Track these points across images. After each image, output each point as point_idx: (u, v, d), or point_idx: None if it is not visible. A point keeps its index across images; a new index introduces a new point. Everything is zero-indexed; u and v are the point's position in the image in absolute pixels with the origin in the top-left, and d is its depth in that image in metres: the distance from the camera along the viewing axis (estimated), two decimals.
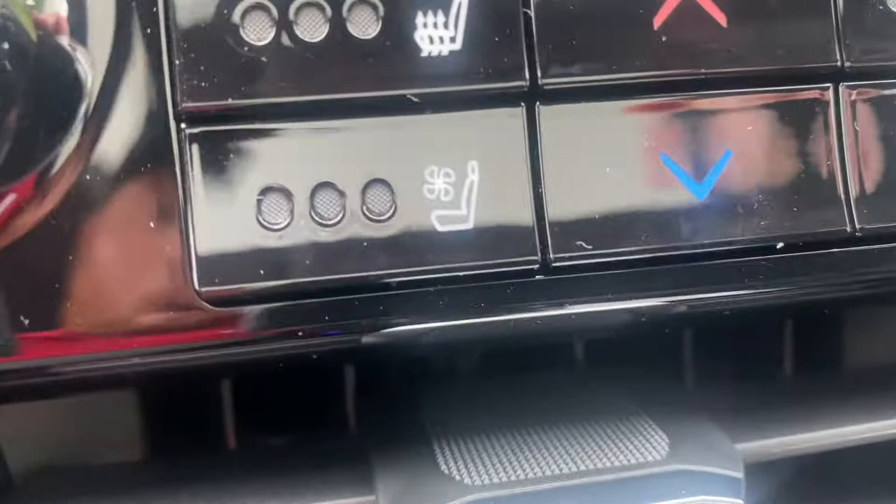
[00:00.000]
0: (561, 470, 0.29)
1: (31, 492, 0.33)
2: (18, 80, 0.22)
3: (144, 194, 0.24)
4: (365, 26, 0.24)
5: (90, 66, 0.23)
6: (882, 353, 0.40)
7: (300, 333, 0.24)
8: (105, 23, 0.23)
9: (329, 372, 0.39)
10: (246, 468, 0.34)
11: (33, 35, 0.22)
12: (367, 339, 0.26)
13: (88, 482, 0.35)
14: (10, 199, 0.23)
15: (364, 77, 0.24)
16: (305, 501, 0.30)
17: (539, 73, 0.24)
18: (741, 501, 0.28)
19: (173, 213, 0.23)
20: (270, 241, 0.24)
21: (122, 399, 0.37)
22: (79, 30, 0.23)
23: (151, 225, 0.23)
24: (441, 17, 0.24)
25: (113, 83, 0.23)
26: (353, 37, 0.24)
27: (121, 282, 0.23)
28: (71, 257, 0.23)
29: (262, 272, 0.24)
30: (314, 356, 0.26)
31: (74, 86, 0.23)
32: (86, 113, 0.23)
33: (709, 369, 0.40)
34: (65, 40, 0.23)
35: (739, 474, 0.29)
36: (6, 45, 0.21)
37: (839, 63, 0.27)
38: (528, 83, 0.25)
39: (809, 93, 0.27)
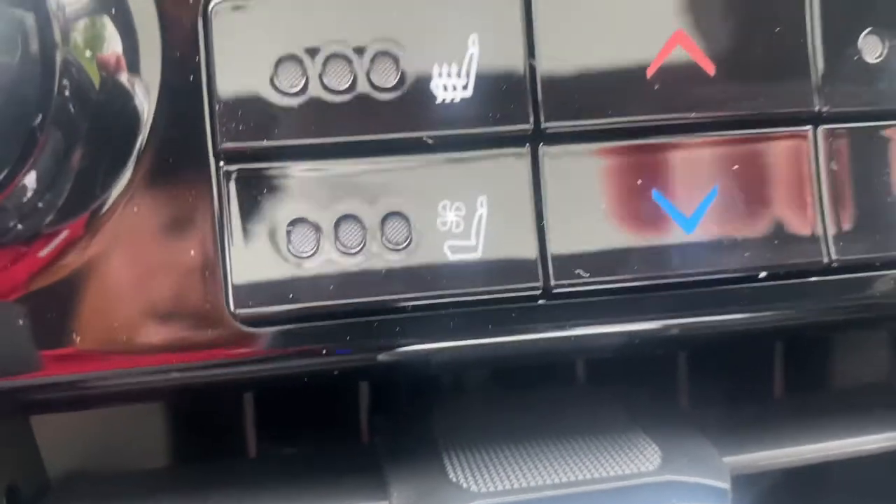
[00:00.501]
0: (560, 479, 0.31)
1: (67, 495, 0.36)
2: (81, 122, 0.24)
3: (186, 226, 0.26)
4: (386, 76, 0.26)
5: (144, 104, 0.26)
6: (866, 373, 0.42)
7: (324, 351, 0.27)
8: (153, 68, 0.26)
9: (345, 389, 0.42)
10: (265, 475, 0.37)
11: (96, 77, 0.25)
12: (383, 358, 0.28)
13: (120, 486, 0.37)
14: (64, 235, 0.26)
15: (384, 121, 0.26)
16: None
17: (542, 118, 0.27)
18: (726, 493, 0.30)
19: (211, 242, 0.26)
20: (298, 267, 0.26)
21: (152, 411, 0.40)
22: (133, 68, 0.26)
23: (192, 253, 0.26)
24: (455, 68, 0.27)
25: (159, 125, 0.26)
26: (376, 85, 0.26)
27: (164, 306, 0.26)
28: (119, 284, 0.26)
29: (290, 296, 0.26)
30: (335, 372, 0.28)
31: (131, 124, 0.25)
32: (139, 150, 0.26)
33: (702, 390, 0.42)
34: (124, 77, 0.25)
35: (726, 485, 0.31)
36: (70, 89, 0.24)
37: (817, 108, 0.29)
38: (532, 127, 0.27)
39: (790, 135, 0.29)
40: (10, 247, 0.25)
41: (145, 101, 0.26)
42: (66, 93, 0.24)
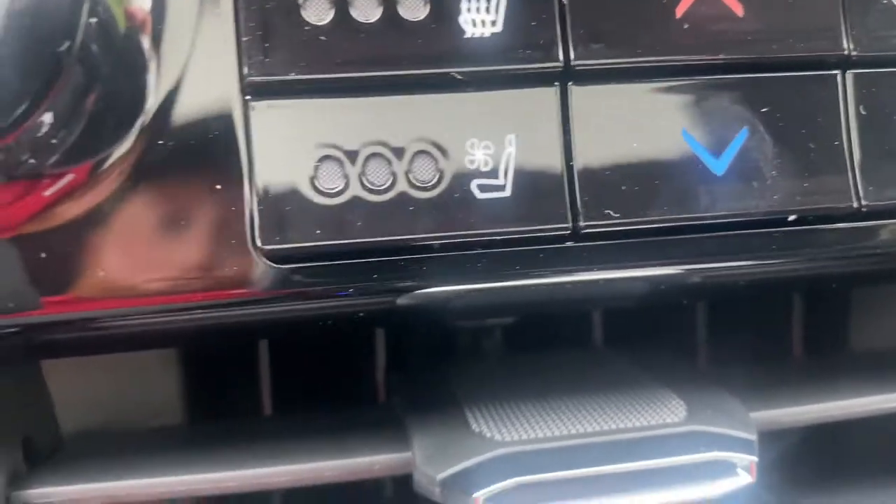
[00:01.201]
0: (585, 430, 0.31)
1: (80, 450, 0.35)
2: (102, 64, 0.24)
3: (212, 162, 0.26)
4: (415, 9, 0.26)
5: (168, 50, 0.25)
6: (888, 334, 0.42)
7: (350, 290, 0.27)
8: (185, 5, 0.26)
9: (361, 348, 0.42)
10: (281, 432, 0.36)
11: (122, 23, 0.24)
12: (408, 300, 0.28)
13: (133, 443, 0.37)
14: (73, 176, 0.25)
15: (413, 56, 0.26)
16: (344, 458, 0.32)
17: (572, 56, 0.27)
18: (756, 458, 0.30)
19: (238, 178, 0.26)
20: (326, 203, 0.26)
21: (166, 369, 0.39)
22: (159, 14, 0.25)
23: (218, 187, 0.26)
24: (483, 3, 0.26)
25: (184, 59, 0.26)
26: (404, 19, 0.26)
27: (189, 242, 0.26)
28: (136, 224, 0.26)
29: (317, 232, 0.26)
30: (360, 314, 0.28)
31: (147, 76, 0.25)
32: (156, 93, 0.25)
33: (723, 349, 0.42)
34: (148, 29, 0.25)
35: (754, 436, 0.31)
36: (96, 28, 0.24)
37: (846, 52, 0.29)
38: (562, 64, 0.27)
39: (819, 78, 0.29)
40: (20, 181, 0.25)
41: (173, 43, 0.25)
42: (92, 30, 0.24)
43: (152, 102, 0.25)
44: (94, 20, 0.24)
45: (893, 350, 0.41)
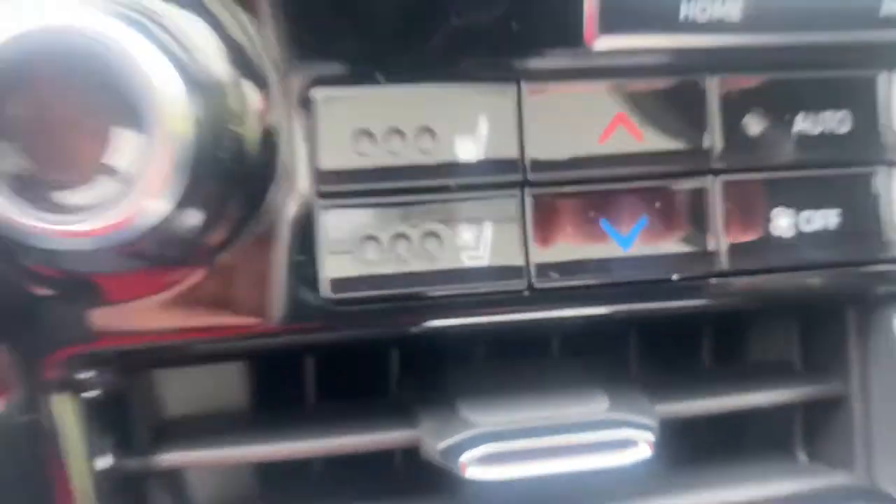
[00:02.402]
0: (538, 416, 0.45)
1: (184, 430, 0.49)
2: (238, 177, 0.38)
3: (294, 242, 0.40)
4: (426, 148, 0.40)
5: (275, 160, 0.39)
6: (773, 351, 0.56)
7: (382, 322, 0.41)
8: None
9: (379, 359, 0.56)
10: (324, 416, 0.50)
11: (255, 144, 0.38)
12: (420, 329, 0.42)
13: (219, 423, 0.51)
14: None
15: (425, 175, 0.40)
16: (366, 434, 0.46)
17: (528, 174, 0.41)
18: (652, 438, 0.44)
19: (312, 252, 0.40)
20: (371, 268, 0.40)
21: (235, 375, 0.53)
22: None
23: (298, 260, 0.40)
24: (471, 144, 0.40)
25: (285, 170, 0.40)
26: (420, 150, 0.40)
27: (280, 292, 0.40)
28: (242, 281, 0.40)
29: (365, 286, 0.40)
30: (388, 337, 0.42)
31: (269, 174, 0.39)
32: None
33: (648, 361, 0.56)
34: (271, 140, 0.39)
35: (654, 422, 0.45)
36: (230, 152, 0.37)
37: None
38: (522, 178, 0.41)
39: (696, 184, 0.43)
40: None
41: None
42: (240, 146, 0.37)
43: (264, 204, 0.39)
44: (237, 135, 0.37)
45: (777, 363, 0.56)
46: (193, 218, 0.37)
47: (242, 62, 0.38)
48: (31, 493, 0.41)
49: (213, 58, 0.37)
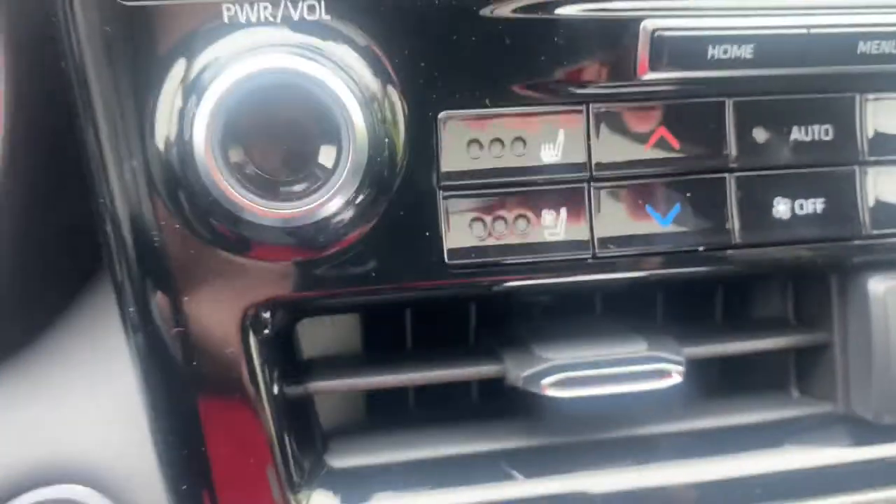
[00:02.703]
0: (595, 354, 0.60)
1: (322, 366, 0.64)
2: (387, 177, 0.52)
3: (422, 222, 0.54)
4: (519, 154, 0.54)
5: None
6: (772, 308, 0.71)
7: (485, 282, 0.55)
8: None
9: (461, 315, 0.70)
10: (423, 357, 0.65)
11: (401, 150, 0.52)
12: (512, 285, 0.56)
13: (341, 363, 0.65)
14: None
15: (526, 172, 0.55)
16: (465, 367, 0.61)
17: (593, 172, 0.55)
18: (682, 368, 0.59)
19: (437, 229, 0.54)
20: (478, 242, 0.54)
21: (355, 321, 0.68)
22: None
23: (427, 234, 0.54)
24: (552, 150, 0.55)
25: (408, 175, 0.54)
26: (515, 154, 0.54)
27: (415, 258, 0.54)
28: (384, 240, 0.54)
29: (472, 255, 0.54)
30: (492, 290, 0.56)
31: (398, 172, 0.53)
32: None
33: (671, 317, 0.71)
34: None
35: (682, 359, 0.60)
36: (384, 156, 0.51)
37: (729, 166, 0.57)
38: (588, 175, 0.55)
39: (715, 178, 0.57)
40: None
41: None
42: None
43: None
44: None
45: (772, 318, 0.71)
46: (349, 212, 0.51)
47: (387, 87, 0.52)
48: (231, 410, 0.56)
49: (371, 81, 0.51)
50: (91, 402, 0.61)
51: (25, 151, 0.56)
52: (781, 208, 0.58)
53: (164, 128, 0.50)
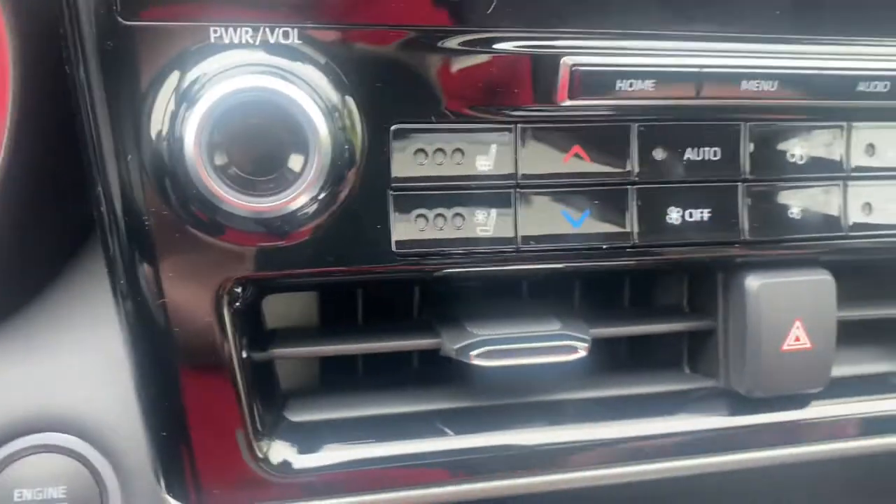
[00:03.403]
0: (518, 331, 0.71)
1: (284, 335, 0.74)
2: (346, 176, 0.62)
3: (372, 214, 0.64)
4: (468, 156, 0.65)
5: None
6: (670, 297, 0.83)
7: (429, 268, 0.66)
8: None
9: (405, 296, 0.81)
10: (371, 329, 0.75)
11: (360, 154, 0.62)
12: (448, 272, 0.67)
13: (297, 335, 0.76)
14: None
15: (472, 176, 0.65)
16: (407, 339, 0.72)
17: (519, 181, 0.66)
18: (587, 345, 0.70)
19: (387, 222, 0.65)
20: (421, 234, 0.65)
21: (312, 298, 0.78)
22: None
23: (379, 227, 0.64)
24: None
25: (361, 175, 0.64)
26: (463, 150, 0.65)
27: (367, 246, 0.64)
28: (341, 230, 0.64)
29: (417, 245, 0.65)
30: (432, 275, 0.67)
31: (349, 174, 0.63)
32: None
33: (586, 302, 0.83)
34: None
35: (588, 336, 0.71)
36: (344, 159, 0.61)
37: (632, 179, 0.69)
38: (515, 183, 0.66)
39: (620, 189, 0.69)
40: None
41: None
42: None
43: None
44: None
45: (670, 306, 0.83)
46: (313, 206, 0.61)
47: (347, 100, 0.62)
48: (204, 370, 0.65)
49: (333, 95, 0.61)
50: (79, 361, 0.71)
51: (31, 138, 0.65)
52: (674, 216, 0.70)
53: (157, 129, 0.59)
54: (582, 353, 0.70)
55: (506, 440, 0.71)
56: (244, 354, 0.66)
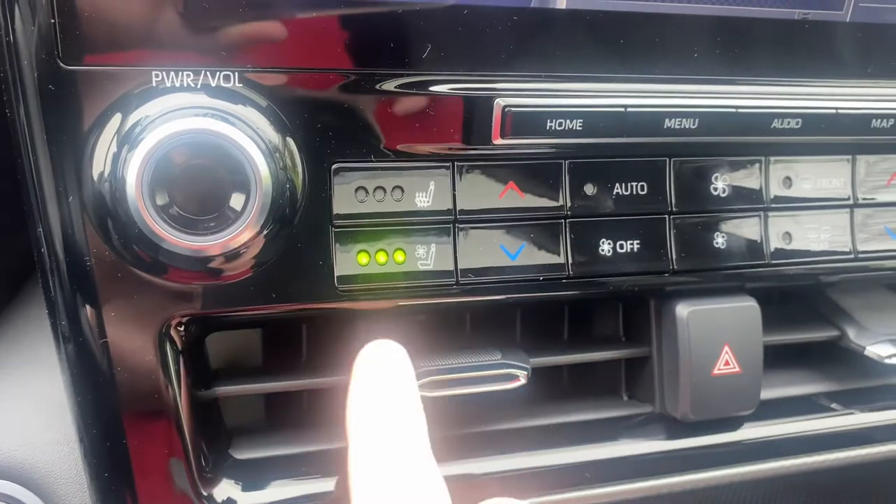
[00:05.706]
0: (456, 363, 0.73)
1: (228, 373, 0.74)
2: (288, 215, 0.63)
3: (314, 251, 0.66)
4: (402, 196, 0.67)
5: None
6: (606, 327, 0.86)
7: (371, 302, 0.68)
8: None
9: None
10: (313, 367, 0.76)
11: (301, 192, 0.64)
12: (384, 307, 0.69)
13: (242, 374, 0.76)
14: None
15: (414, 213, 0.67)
16: (345, 375, 0.73)
17: (457, 216, 0.69)
18: (527, 373, 0.72)
19: (329, 259, 0.66)
20: (362, 270, 0.67)
21: (259, 338, 0.78)
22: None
23: (321, 263, 0.66)
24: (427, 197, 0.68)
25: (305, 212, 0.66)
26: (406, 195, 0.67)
27: (309, 283, 0.66)
28: (284, 267, 0.66)
29: (357, 282, 0.66)
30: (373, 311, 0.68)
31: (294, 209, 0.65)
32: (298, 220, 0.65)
33: (527, 332, 0.85)
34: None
35: (528, 366, 0.74)
36: (286, 197, 0.63)
37: (565, 213, 0.72)
38: (453, 218, 0.69)
39: (553, 223, 0.72)
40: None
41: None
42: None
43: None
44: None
45: (607, 335, 0.86)
46: (255, 244, 0.62)
47: (287, 141, 0.64)
48: (148, 410, 0.65)
49: (273, 136, 0.63)
50: (17, 405, 0.70)
51: None
52: (606, 247, 0.73)
53: (99, 170, 0.60)
54: (522, 381, 0.72)
55: (450, 471, 0.73)
56: (188, 394, 0.67)
